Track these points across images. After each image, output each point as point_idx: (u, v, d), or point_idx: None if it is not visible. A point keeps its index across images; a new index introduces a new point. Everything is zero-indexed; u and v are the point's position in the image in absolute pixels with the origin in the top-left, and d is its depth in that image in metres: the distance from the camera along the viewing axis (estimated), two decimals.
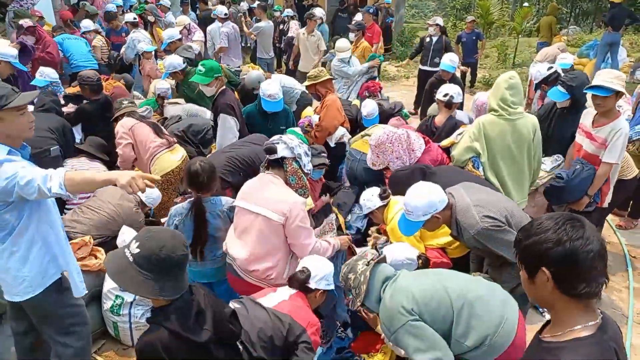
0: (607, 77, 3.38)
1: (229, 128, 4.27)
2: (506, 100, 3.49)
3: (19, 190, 2.13)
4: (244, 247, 2.79)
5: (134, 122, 4.20)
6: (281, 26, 10.30)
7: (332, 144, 4.83)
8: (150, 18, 8.88)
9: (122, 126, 4.19)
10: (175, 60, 5.23)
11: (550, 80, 4.80)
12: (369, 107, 4.83)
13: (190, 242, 2.86)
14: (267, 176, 2.86)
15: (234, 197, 3.07)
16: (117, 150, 4.20)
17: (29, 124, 2.35)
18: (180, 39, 5.81)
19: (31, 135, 2.41)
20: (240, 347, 2.15)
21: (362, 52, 7.18)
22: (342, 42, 6.58)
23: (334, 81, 6.34)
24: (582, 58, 10.25)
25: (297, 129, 4.69)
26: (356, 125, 5.12)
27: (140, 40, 7.14)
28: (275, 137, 2.94)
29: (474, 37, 9.45)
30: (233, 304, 2.36)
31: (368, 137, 4.33)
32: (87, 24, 7.63)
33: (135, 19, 7.77)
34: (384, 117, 5.00)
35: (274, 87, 4.37)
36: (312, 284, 2.51)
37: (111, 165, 4.35)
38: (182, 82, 5.37)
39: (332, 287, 2.60)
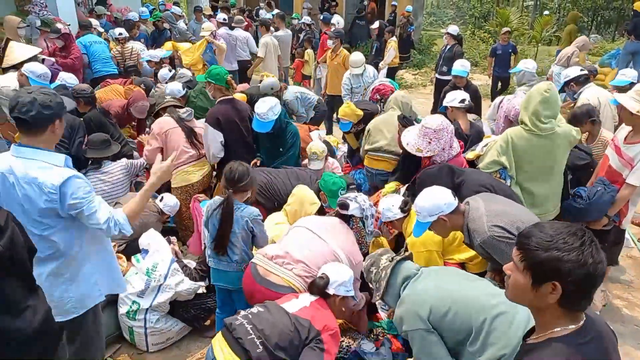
0: (633, 93, 3.29)
1: (211, 139, 4.23)
2: (538, 115, 3.30)
3: (82, 218, 2.22)
4: (282, 249, 2.84)
5: (171, 126, 4.17)
6: (299, 34, 10.35)
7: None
8: (166, 25, 9.01)
9: (158, 126, 4.18)
10: (175, 87, 5.08)
11: (580, 81, 4.72)
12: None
13: (214, 236, 3.01)
14: (340, 222, 3.09)
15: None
16: (145, 148, 4.22)
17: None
18: (184, 94, 5.22)
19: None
20: (261, 347, 2.21)
21: (343, 60, 7.08)
22: (356, 56, 6.38)
23: (345, 97, 6.37)
24: (604, 67, 10.10)
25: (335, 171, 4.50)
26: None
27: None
28: (351, 194, 3.21)
29: (510, 50, 8.99)
30: (257, 308, 2.43)
31: (372, 154, 4.47)
32: (117, 31, 7.78)
33: (121, 34, 7.59)
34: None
35: (264, 107, 4.13)
36: (330, 290, 2.56)
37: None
38: (186, 103, 5.24)
39: (352, 293, 2.63)
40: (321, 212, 3.53)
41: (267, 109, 4.08)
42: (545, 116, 3.30)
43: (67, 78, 5.13)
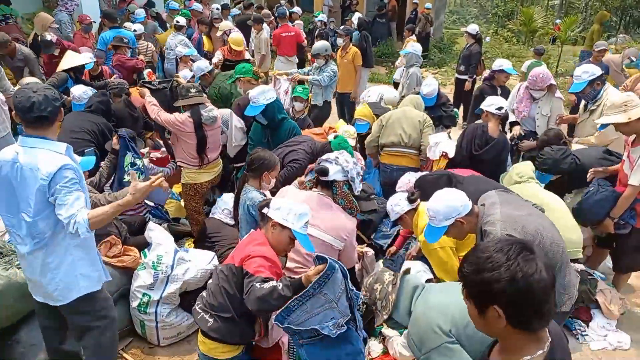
0: (605, 113, 3.35)
1: (237, 128, 4.43)
2: None
3: (54, 204, 2.30)
4: None
5: (187, 131, 3.94)
6: (314, 32, 10.34)
7: None
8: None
9: (176, 122, 3.92)
10: (203, 64, 5.45)
11: (602, 80, 4.60)
12: (431, 87, 5.09)
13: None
14: (319, 197, 2.89)
15: None
16: (156, 113, 4.04)
17: None
18: (211, 71, 5.66)
19: None
20: (210, 319, 2.40)
21: (352, 57, 7.02)
22: (390, 94, 5.98)
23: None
24: (631, 68, 9.81)
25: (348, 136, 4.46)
26: None
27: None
28: (331, 155, 2.96)
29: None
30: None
31: (389, 149, 4.46)
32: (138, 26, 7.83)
33: (135, 30, 7.57)
34: (440, 102, 5.24)
35: (257, 90, 4.13)
36: (267, 211, 2.48)
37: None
38: (210, 84, 5.58)
39: (289, 224, 2.42)
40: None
41: (258, 92, 4.06)
42: None
43: (82, 93, 4.77)
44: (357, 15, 10.52)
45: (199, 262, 3.41)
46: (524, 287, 1.18)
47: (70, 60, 5.42)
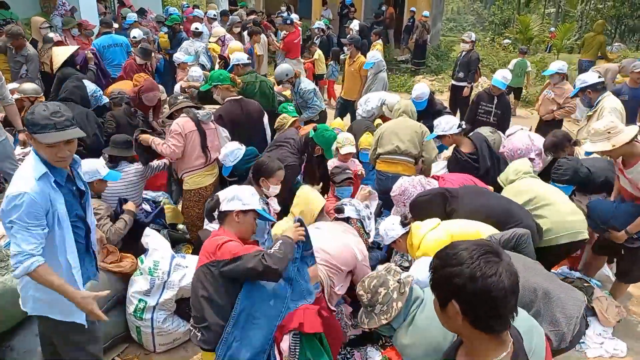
0: (590, 139, 3.36)
1: (222, 137, 4.46)
2: None
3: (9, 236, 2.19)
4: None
5: (192, 129, 4.06)
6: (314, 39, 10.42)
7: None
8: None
9: (181, 127, 4.01)
10: (241, 56, 5.48)
11: (597, 89, 4.67)
12: (419, 90, 5.27)
13: None
14: (344, 225, 3.37)
15: None
16: (166, 145, 4.02)
17: (57, 157, 2.23)
18: (247, 64, 5.52)
19: (62, 166, 2.32)
20: (198, 333, 2.45)
21: (359, 66, 7.13)
22: (392, 99, 5.91)
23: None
24: (627, 77, 9.87)
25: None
26: None
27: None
28: (345, 200, 3.56)
29: None
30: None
31: (384, 157, 4.55)
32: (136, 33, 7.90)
33: (135, 37, 7.61)
34: (434, 111, 5.38)
35: (225, 150, 4.18)
36: (223, 207, 2.59)
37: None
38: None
39: (250, 207, 2.59)
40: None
41: (226, 153, 4.08)
42: None
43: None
44: (355, 22, 10.59)
45: (195, 268, 3.39)
46: (481, 287, 1.22)
47: (62, 55, 5.60)
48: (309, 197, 3.65)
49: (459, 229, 3.07)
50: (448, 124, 4.28)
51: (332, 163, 4.62)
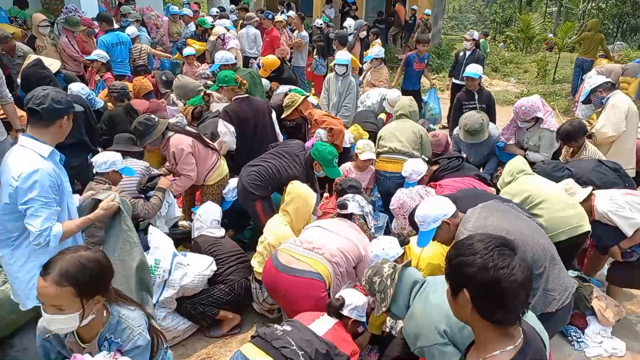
0: None
1: (223, 133, 4.52)
2: None
3: (26, 217, 2.26)
4: (317, 240, 3.14)
5: (189, 141, 4.03)
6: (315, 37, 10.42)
7: (347, 145, 5.08)
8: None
9: (184, 146, 3.99)
10: (227, 55, 5.56)
11: (607, 87, 4.66)
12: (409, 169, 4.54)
13: None
14: (346, 221, 3.44)
15: (263, 209, 3.86)
16: (184, 176, 4.05)
17: (66, 132, 2.50)
18: (234, 64, 5.65)
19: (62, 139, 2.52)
20: (302, 358, 2.38)
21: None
22: (393, 94, 6.05)
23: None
24: (627, 76, 9.85)
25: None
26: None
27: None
28: (348, 196, 3.62)
29: None
30: (284, 326, 2.58)
31: (383, 156, 4.57)
32: (131, 30, 7.95)
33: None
34: None
35: (229, 186, 4.37)
36: (345, 312, 2.75)
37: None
38: None
39: (363, 319, 2.82)
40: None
41: (230, 189, 4.30)
42: None
43: (80, 89, 4.94)
44: (349, 20, 10.59)
45: (196, 267, 3.39)
46: (492, 277, 1.26)
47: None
48: (302, 193, 3.62)
49: None
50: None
51: (346, 168, 4.69)
